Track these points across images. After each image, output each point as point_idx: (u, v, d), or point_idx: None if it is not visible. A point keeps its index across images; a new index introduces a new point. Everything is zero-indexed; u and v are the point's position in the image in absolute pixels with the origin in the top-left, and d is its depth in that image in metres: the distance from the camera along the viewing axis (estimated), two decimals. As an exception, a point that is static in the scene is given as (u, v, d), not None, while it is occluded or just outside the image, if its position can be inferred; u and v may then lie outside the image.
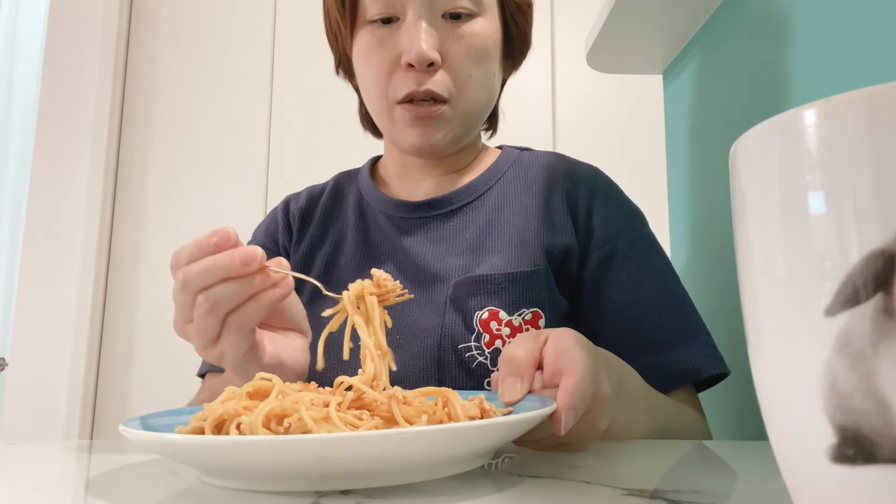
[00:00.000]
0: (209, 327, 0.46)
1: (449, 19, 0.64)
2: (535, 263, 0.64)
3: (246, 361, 0.49)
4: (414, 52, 0.62)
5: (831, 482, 0.19)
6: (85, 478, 0.38)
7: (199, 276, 0.45)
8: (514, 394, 0.40)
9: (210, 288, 0.45)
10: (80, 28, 1.93)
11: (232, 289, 0.45)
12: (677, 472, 0.39)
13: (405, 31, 0.63)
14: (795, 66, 0.62)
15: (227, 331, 0.46)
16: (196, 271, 0.45)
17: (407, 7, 0.63)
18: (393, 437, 0.30)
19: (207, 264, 0.44)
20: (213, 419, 0.36)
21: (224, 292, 0.45)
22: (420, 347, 0.63)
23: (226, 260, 0.44)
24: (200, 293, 0.45)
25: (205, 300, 0.45)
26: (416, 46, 0.62)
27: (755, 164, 0.21)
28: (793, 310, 0.20)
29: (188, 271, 0.45)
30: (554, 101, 1.83)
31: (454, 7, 0.64)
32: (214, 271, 0.44)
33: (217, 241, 0.45)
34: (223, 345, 0.47)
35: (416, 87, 0.63)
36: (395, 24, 0.65)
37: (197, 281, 0.45)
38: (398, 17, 0.64)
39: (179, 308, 0.47)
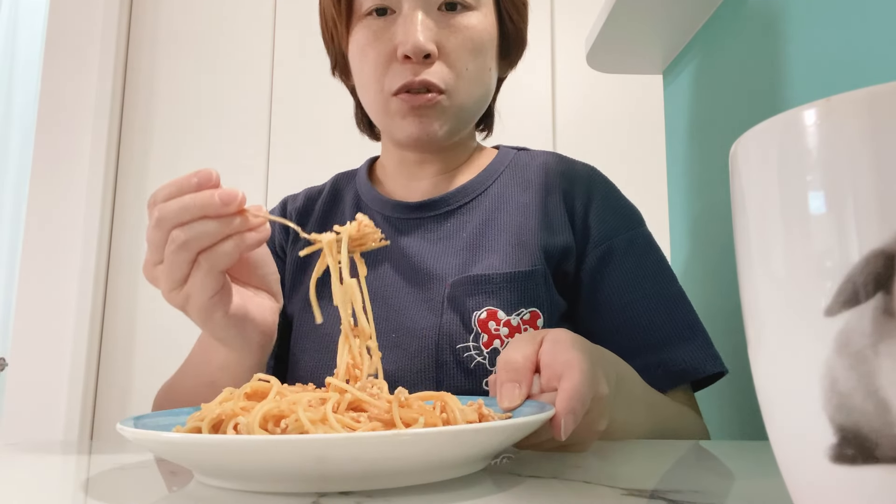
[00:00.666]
0: (180, 265, 0.45)
1: (445, 11, 0.65)
2: (534, 263, 0.64)
3: (212, 306, 0.48)
4: (410, 44, 0.62)
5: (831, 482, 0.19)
6: (85, 478, 0.38)
7: (175, 212, 0.44)
8: (513, 399, 0.40)
9: (186, 224, 0.44)
10: (80, 28, 1.93)
11: (208, 227, 0.44)
12: (677, 472, 0.39)
13: (401, 23, 0.63)
14: (795, 66, 0.62)
15: (196, 269, 0.46)
16: (173, 207, 0.44)
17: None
18: (391, 439, 0.29)
19: (185, 201, 0.44)
20: (211, 419, 0.36)
21: (199, 229, 0.44)
22: (417, 347, 0.63)
23: (205, 198, 0.44)
24: (175, 229, 0.45)
25: (178, 235, 0.44)
26: (412, 38, 0.62)
27: (755, 164, 0.21)
28: (793, 310, 0.20)
29: (165, 207, 0.44)
30: (554, 101, 1.83)
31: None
32: (192, 208, 0.44)
33: (198, 180, 0.44)
34: (191, 286, 0.46)
35: (412, 77, 0.63)
36: (391, 16, 0.65)
37: (173, 217, 0.44)
38: (394, 9, 0.65)
39: (152, 247, 0.46)
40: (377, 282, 0.68)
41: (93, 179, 1.86)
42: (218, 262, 0.46)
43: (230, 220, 0.45)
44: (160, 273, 0.47)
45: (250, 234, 0.46)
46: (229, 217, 0.45)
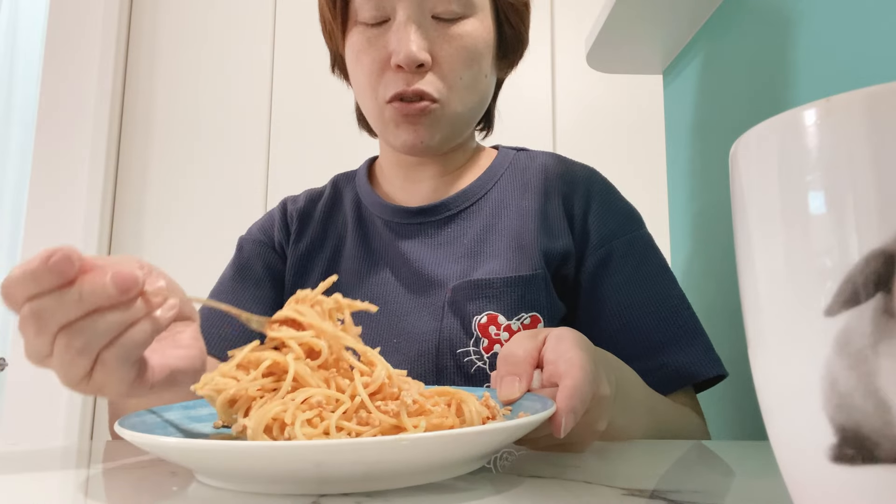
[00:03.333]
0: (79, 367, 0.37)
1: (439, 20, 0.64)
2: (534, 268, 0.64)
3: (131, 390, 0.39)
4: (403, 54, 0.62)
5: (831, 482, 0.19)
6: (84, 477, 0.38)
7: (56, 311, 0.35)
8: (513, 392, 0.40)
9: (75, 324, 0.36)
10: (80, 28, 1.93)
11: (106, 323, 0.36)
12: (677, 472, 0.39)
13: (395, 32, 0.63)
14: (795, 66, 0.62)
15: (101, 367, 0.37)
16: (49, 306, 0.35)
17: (397, 7, 0.63)
18: (391, 445, 0.29)
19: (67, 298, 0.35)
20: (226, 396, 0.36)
21: (96, 328, 0.36)
22: (418, 352, 0.63)
23: (94, 290, 0.35)
24: (62, 331, 0.36)
25: (71, 341, 0.36)
26: (405, 48, 0.62)
27: (755, 164, 0.21)
28: (793, 310, 0.20)
29: (39, 308, 0.35)
30: (554, 101, 1.83)
31: (444, 8, 0.63)
32: (78, 305, 0.35)
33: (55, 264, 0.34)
34: (99, 380, 0.38)
35: (405, 87, 0.63)
36: (386, 24, 0.64)
37: (54, 320, 0.35)
38: (388, 17, 0.64)
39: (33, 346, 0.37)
40: (379, 287, 0.68)
41: (93, 179, 1.86)
42: (127, 355, 0.38)
43: (131, 305, 0.37)
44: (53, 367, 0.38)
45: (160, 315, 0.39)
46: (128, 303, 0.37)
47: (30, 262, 0.35)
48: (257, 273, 0.72)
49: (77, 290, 0.35)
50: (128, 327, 0.37)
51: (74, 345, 0.36)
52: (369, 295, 0.68)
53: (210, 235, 1.83)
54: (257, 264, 0.73)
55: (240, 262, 0.74)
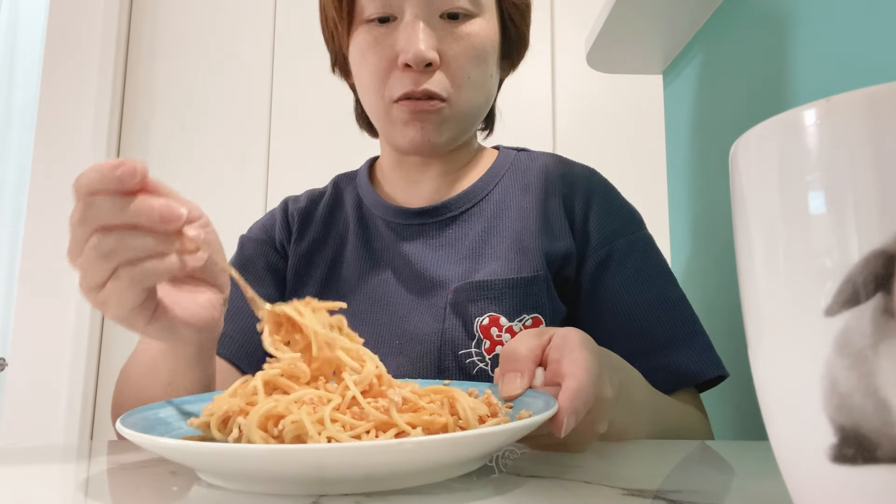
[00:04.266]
0: (97, 272, 0.40)
1: (447, 19, 0.64)
2: (535, 269, 0.64)
3: (130, 317, 0.42)
4: (412, 53, 0.61)
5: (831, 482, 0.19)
6: (84, 478, 0.38)
7: (104, 212, 0.38)
8: (514, 388, 0.40)
9: (112, 230, 0.39)
10: (80, 28, 1.93)
11: (137, 241, 0.39)
12: (678, 472, 0.39)
13: (403, 31, 0.63)
14: (795, 66, 0.62)
15: (115, 280, 0.40)
16: (103, 207, 0.38)
17: (405, 6, 0.63)
18: (393, 447, 0.29)
19: (118, 204, 0.38)
20: (219, 416, 0.36)
21: (127, 242, 0.39)
22: (420, 353, 0.63)
23: (142, 208, 0.38)
24: (99, 232, 0.39)
25: (101, 242, 0.39)
26: (413, 47, 0.61)
27: (755, 164, 0.22)
28: (793, 310, 0.20)
29: (92, 204, 0.38)
30: (554, 101, 1.83)
31: (452, 7, 0.63)
32: (123, 214, 0.38)
33: (121, 174, 0.38)
34: (108, 294, 0.41)
35: (413, 87, 0.62)
36: (393, 23, 0.64)
37: (100, 217, 0.39)
38: (395, 16, 0.64)
39: (74, 240, 0.41)
40: (380, 288, 0.68)
41: (93, 179, 1.85)
42: (141, 279, 0.40)
43: (165, 238, 0.40)
44: (80, 267, 0.41)
45: (185, 258, 0.41)
46: (164, 235, 0.40)
47: (103, 163, 0.39)
48: (258, 271, 0.72)
49: (128, 201, 0.39)
50: (153, 255, 0.40)
51: (102, 247, 0.39)
52: (371, 296, 0.68)
53: (210, 235, 1.83)
54: (258, 262, 0.73)
55: (241, 260, 0.74)
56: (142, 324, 0.43)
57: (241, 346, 0.67)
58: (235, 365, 0.66)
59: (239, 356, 0.67)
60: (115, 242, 0.39)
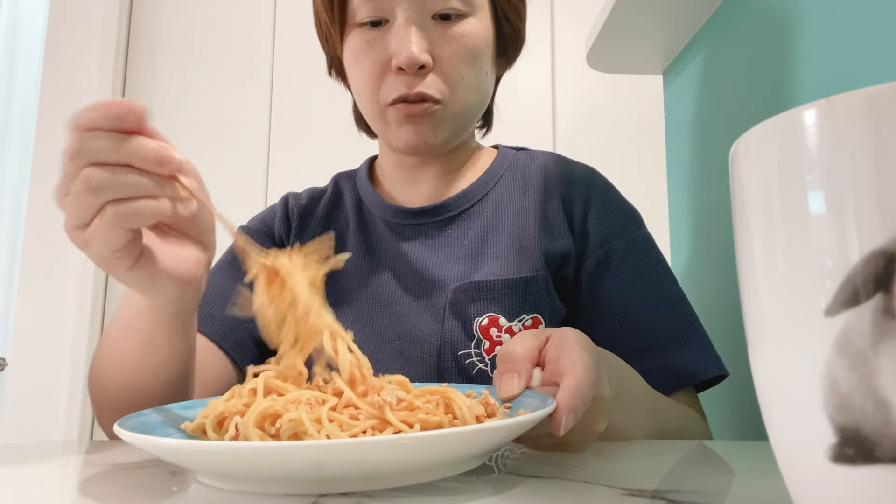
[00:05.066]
0: (84, 208, 0.39)
1: (439, 20, 0.64)
2: (535, 269, 0.64)
3: (112, 259, 0.42)
4: (404, 56, 0.61)
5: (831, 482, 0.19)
6: (84, 478, 0.38)
7: (98, 147, 0.38)
8: (512, 389, 0.40)
9: (105, 166, 0.38)
10: (80, 28, 1.93)
11: (129, 179, 0.39)
12: (677, 472, 0.39)
13: (395, 34, 0.62)
14: (795, 66, 0.62)
15: (100, 217, 0.39)
16: (97, 142, 0.38)
17: (396, 9, 0.63)
18: (391, 444, 0.29)
19: (113, 141, 0.38)
20: (215, 417, 0.36)
21: (118, 179, 0.38)
22: (419, 354, 0.63)
23: (138, 148, 0.38)
24: (90, 167, 0.38)
25: (91, 176, 0.38)
26: (405, 49, 0.61)
27: (755, 164, 0.21)
28: (793, 310, 0.20)
29: (86, 139, 0.38)
30: (554, 101, 1.83)
31: (444, 8, 0.63)
32: (117, 152, 0.38)
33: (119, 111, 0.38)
34: (93, 232, 0.40)
35: (407, 90, 0.62)
36: (385, 26, 0.64)
37: (92, 152, 0.38)
38: (387, 19, 0.64)
39: (64, 175, 0.40)
40: (380, 289, 0.68)
41: (93, 179, 1.85)
42: (128, 219, 0.40)
43: (158, 180, 0.39)
44: (65, 204, 0.40)
45: (174, 204, 0.41)
46: (157, 176, 0.39)
47: (104, 101, 0.39)
48: None
49: (125, 140, 0.38)
50: (143, 196, 0.39)
51: (91, 180, 0.38)
52: (371, 296, 0.68)
53: (210, 235, 1.83)
54: None
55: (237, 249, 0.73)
56: (123, 268, 0.42)
57: (231, 330, 0.66)
58: (221, 347, 0.65)
59: (226, 339, 0.65)
60: (106, 177, 0.38)
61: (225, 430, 0.35)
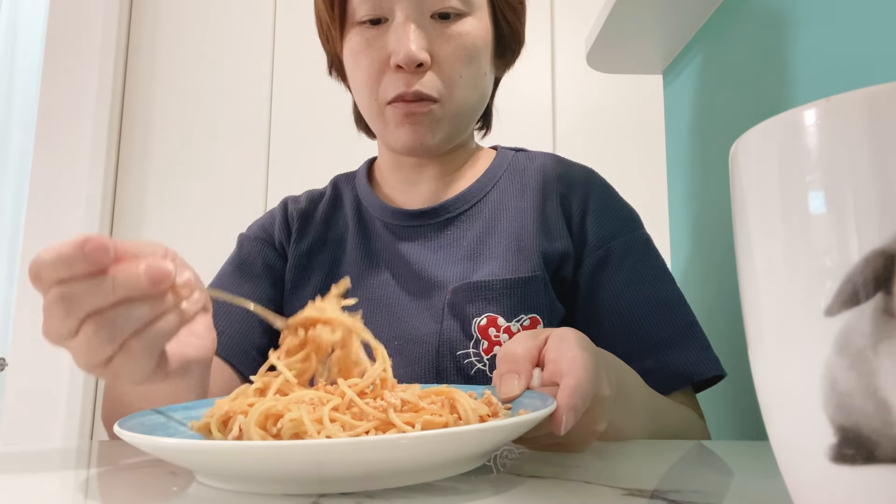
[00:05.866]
0: (103, 353, 0.37)
1: (438, 19, 0.64)
2: (533, 269, 0.64)
3: (152, 378, 0.40)
4: (402, 54, 0.61)
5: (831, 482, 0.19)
6: (84, 478, 0.38)
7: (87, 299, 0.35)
8: (512, 390, 0.40)
9: (105, 312, 0.36)
10: (80, 28, 1.93)
11: (136, 312, 0.36)
12: (677, 472, 0.39)
13: (393, 33, 0.63)
14: (795, 66, 0.62)
15: (125, 353, 0.37)
16: (82, 293, 0.35)
17: (395, 8, 0.63)
18: (391, 444, 0.29)
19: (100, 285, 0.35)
20: (220, 416, 0.36)
21: (126, 317, 0.36)
22: (418, 354, 0.63)
23: (129, 280, 0.35)
24: (91, 318, 0.36)
25: (99, 329, 0.36)
26: (404, 48, 0.61)
27: (755, 164, 0.21)
28: (793, 310, 0.20)
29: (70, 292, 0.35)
30: (554, 101, 1.83)
31: (443, 7, 0.63)
32: (111, 293, 0.35)
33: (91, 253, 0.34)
34: (119, 367, 0.38)
35: (405, 88, 0.63)
36: (384, 24, 0.64)
37: (84, 305, 0.35)
38: (387, 17, 0.64)
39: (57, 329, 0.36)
40: (379, 290, 0.68)
41: (93, 180, 1.86)
42: (153, 345, 0.38)
43: (161, 298, 0.37)
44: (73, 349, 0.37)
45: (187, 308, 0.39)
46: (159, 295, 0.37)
47: (63, 245, 0.34)
48: (256, 270, 0.72)
49: (110, 280, 0.35)
50: (156, 318, 0.37)
51: (102, 333, 0.36)
52: (370, 297, 0.68)
53: (210, 236, 1.83)
54: (257, 261, 0.73)
55: (239, 259, 0.74)
56: (160, 380, 0.41)
57: (236, 344, 0.67)
58: (229, 362, 0.66)
59: (233, 354, 0.66)
60: (117, 322, 0.36)
61: (229, 430, 0.35)
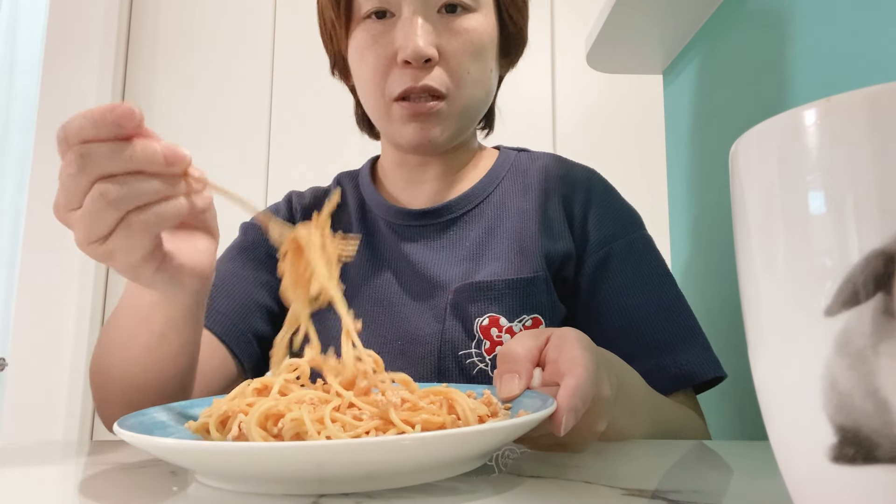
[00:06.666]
0: (104, 221, 0.38)
1: (444, 14, 0.64)
2: (535, 270, 0.64)
3: (140, 265, 0.41)
4: (410, 49, 0.61)
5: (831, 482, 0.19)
6: (84, 478, 0.38)
7: (105, 159, 0.36)
8: (512, 390, 0.40)
9: (117, 178, 0.37)
10: (80, 28, 1.93)
11: (146, 185, 0.38)
12: (677, 472, 0.39)
13: (401, 28, 0.62)
14: (795, 66, 0.62)
15: (124, 227, 0.38)
16: (101, 153, 0.36)
17: (402, 2, 0.63)
18: (391, 444, 0.29)
19: (119, 150, 0.36)
20: (218, 416, 0.36)
21: (135, 188, 0.37)
22: (420, 354, 0.63)
23: (146, 152, 0.37)
24: (102, 181, 0.37)
25: (108, 190, 0.37)
26: (412, 43, 0.61)
27: (755, 164, 0.21)
28: (793, 310, 0.20)
29: (90, 152, 0.36)
30: (554, 101, 1.83)
31: (450, 1, 0.63)
32: (127, 160, 0.37)
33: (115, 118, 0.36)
34: (116, 243, 0.39)
35: (412, 83, 0.62)
36: (391, 19, 0.64)
37: (99, 165, 0.37)
38: (393, 12, 0.64)
39: (67, 192, 0.38)
40: (382, 289, 0.68)
41: (93, 179, 1.85)
42: (154, 224, 0.39)
43: (172, 181, 0.39)
44: (76, 221, 0.39)
45: (194, 199, 0.41)
46: (170, 177, 0.39)
47: (93, 109, 0.36)
48: (259, 256, 0.72)
49: (129, 147, 0.37)
50: (163, 198, 0.39)
51: (109, 195, 0.37)
52: (373, 297, 0.68)
53: (210, 235, 1.83)
54: (260, 248, 0.73)
55: (243, 244, 0.73)
56: (149, 273, 0.42)
57: (233, 324, 0.66)
58: (224, 342, 0.65)
59: (229, 334, 0.65)
60: (124, 189, 0.37)
61: (228, 430, 0.35)
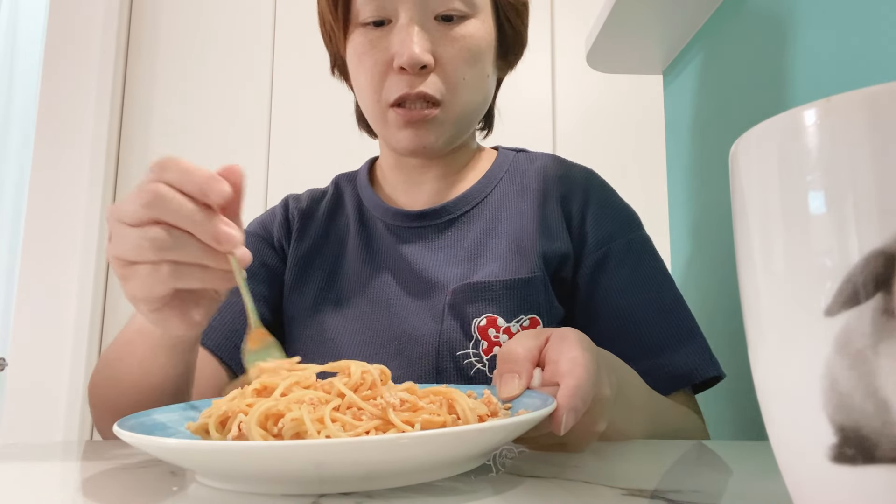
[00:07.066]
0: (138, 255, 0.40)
1: (441, 21, 0.64)
2: (533, 270, 0.64)
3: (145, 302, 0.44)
4: (406, 56, 0.61)
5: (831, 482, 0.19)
6: (84, 478, 0.38)
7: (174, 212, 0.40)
8: (512, 390, 0.40)
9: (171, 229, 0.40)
10: (80, 28, 1.93)
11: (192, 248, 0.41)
12: (677, 472, 0.39)
13: (397, 34, 0.63)
14: (795, 66, 0.62)
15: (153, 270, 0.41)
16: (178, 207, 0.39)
17: (399, 9, 0.63)
18: (391, 443, 0.29)
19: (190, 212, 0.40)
20: (218, 416, 0.36)
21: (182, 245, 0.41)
22: (418, 354, 0.63)
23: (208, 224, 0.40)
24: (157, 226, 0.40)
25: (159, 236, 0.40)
26: (408, 49, 0.61)
27: (755, 164, 0.21)
28: (793, 310, 0.20)
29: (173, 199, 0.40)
30: (554, 102, 1.83)
31: (446, 9, 0.63)
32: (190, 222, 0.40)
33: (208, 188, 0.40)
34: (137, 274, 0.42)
35: (408, 89, 0.63)
36: (388, 26, 0.64)
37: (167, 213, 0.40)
38: (390, 19, 0.64)
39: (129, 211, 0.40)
40: (380, 290, 0.68)
41: (93, 179, 1.86)
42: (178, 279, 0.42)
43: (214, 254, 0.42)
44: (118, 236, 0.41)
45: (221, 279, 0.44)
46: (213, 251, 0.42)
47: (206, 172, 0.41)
48: (252, 266, 0.72)
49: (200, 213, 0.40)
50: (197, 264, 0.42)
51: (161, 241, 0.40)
52: (371, 298, 0.68)
53: (210, 235, 1.83)
54: (254, 258, 0.73)
55: None
56: (147, 310, 0.45)
57: (226, 339, 0.67)
58: (218, 357, 0.66)
59: (222, 349, 0.66)
60: (174, 243, 0.40)
61: (228, 430, 0.35)
